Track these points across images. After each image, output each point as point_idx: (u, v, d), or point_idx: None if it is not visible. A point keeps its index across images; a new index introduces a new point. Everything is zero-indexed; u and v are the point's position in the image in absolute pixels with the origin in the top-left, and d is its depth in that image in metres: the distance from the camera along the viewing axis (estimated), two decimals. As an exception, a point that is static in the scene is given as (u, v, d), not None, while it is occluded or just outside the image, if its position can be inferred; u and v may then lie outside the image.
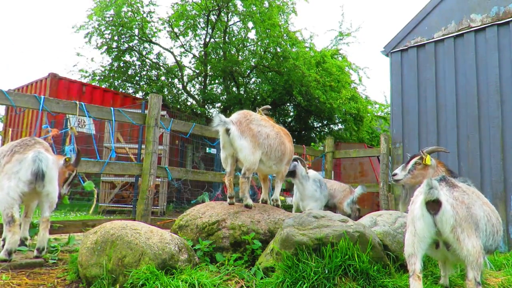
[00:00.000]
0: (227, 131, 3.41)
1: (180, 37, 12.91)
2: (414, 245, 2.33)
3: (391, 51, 7.10)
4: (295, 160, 5.09)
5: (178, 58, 13.22)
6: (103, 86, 11.97)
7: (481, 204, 2.48)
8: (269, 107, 4.50)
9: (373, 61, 41.84)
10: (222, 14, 12.13)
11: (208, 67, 12.66)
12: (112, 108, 4.76)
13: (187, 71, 13.87)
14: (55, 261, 3.22)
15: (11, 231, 2.87)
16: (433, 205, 2.29)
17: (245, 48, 13.00)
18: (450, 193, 2.38)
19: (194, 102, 13.34)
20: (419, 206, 2.34)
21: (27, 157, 2.96)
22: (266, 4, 11.30)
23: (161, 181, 8.36)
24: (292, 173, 5.14)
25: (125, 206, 8.40)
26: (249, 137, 3.45)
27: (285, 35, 11.40)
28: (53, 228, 3.97)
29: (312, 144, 14.63)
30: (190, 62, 17.46)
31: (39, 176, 2.93)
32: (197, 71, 13.58)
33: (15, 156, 2.99)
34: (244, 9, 11.66)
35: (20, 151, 3.01)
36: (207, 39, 12.47)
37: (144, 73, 13.34)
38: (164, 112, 8.44)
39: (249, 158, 3.44)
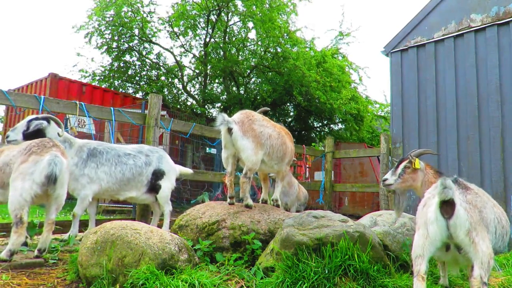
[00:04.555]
0: (230, 130, 3.40)
1: (180, 37, 12.93)
2: (424, 247, 2.30)
3: (391, 51, 7.10)
4: (44, 119, 3.75)
5: (178, 58, 13.23)
6: (103, 86, 11.97)
7: (492, 206, 2.47)
8: (267, 109, 4.46)
9: (373, 61, 41.87)
10: (222, 14, 12.14)
11: (208, 67, 12.66)
12: (112, 108, 4.77)
13: (187, 71, 13.89)
14: (55, 261, 3.22)
15: (17, 232, 2.87)
16: (447, 209, 2.26)
17: (245, 48, 13.01)
18: (463, 197, 2.35)
19: (194, 102, 13.34)
20: (433, 209, 2.31)
21: (43, 160, 2.96)
22: (267, 5, 11.29)
23: (161, 181, 8.34)
24: (35, 135, 3.57)
25: (125, 206, 8.40)
26: (251, 137, 3.44)
27: (285, 34, 11.40)
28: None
29: (313, 144, 14.63)
30: (190, 62, 17.45)
31: (51, 180, 2.94)
32: (197, 71, 13.59)
33: (32, 156, 2.98)
34: (245, 9, 11.66)
35: (37, 152, 3.00)
36: (207, 39, 12.47)
37: (144, 73, 13.34)
38: (164, 112, 8.44)
39: (251, 159, 3.44)
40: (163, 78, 13.29)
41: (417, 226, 2.46)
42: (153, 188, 4.26)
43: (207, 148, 10.81)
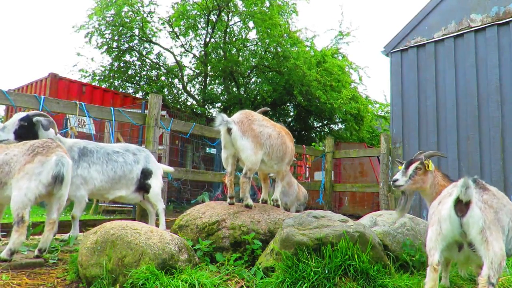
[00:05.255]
0: (229, 130, 3.40)
1: (181, 37, 12.93)
2: (436, 241, 2.36)
3: (391, 51, 7.10)
4: (39, 116, 3.58)
5: (178, 58, 13.24)
6: (103, 86, 11.97)
7: (509, 209, 2.47)
8: (267, 109, 4.47)
9: (373, 60, 41.89)
10: (223, 14, 12.14)
11: (208, 67, 12.66)
12: (112, 108, 4.77)
13: (187, 71, 13.89)
14: (55, 261, 3.22)
15: (18, 231, 2.88)
16: (461, 208, 2.27)
17: (245, 48, 13.01)
18: (479, 196, 2.36)
19: (194, 102, 13.34)
20: (447, 207, 2.32)
21: (50, 160, 2.99)
22: (267, 4, 11.30)
23: (161, 181, 8.34)
24: (27, 132, 3.44)
25: (125, 206, 8.40)
26: (251, 137, 3.44)
27: (285, 34, 11.40)
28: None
29: (313, 144, 14.62)
30: (190, 62, 17.48)
31: (58, 180, 2.98)
32: (197, 71, 13.59)
33: (37, 157, 2.99)
34: (245, 9, 11.66)
35: (42, 153, 3.02)
36: (208, 39, 12.47)
37: (144, 73, 13.35)
38: (164, 112, 8.44)
39: (251, 159, 3.44)
40: (163, 78, 13.29)
41: (431, 223, 2.49)
42: (142, 187, 4.24)
43: (207, 148, 10.81)
